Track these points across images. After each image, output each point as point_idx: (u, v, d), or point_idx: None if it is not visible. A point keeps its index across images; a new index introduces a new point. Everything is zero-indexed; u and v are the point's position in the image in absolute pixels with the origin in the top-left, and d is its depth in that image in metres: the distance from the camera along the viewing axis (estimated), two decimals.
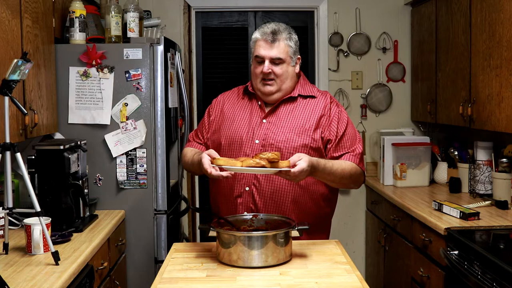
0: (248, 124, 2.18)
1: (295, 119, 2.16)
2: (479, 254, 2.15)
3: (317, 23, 4.01)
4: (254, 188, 2.12)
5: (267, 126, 2.16)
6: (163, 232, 2.94)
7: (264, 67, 2.13)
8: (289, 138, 2.11)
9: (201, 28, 4.02)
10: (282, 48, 2.14)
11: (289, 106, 2.20)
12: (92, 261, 2.22)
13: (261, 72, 2.14)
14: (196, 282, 1.70)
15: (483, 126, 2.83)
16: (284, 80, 2.16)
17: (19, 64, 1.88)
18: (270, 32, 2.14)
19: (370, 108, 4.04)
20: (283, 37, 2.14)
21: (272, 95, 2.18)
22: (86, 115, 2.86)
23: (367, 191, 4.01)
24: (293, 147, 2.10)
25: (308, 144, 2.11)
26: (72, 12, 2.82)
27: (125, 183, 2.89)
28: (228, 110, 2.26)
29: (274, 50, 2.13)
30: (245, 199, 2.13)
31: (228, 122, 2.22)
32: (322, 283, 1.68)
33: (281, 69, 2.14)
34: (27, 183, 2.01)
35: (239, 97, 2.30)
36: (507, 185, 2.87)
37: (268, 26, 2.18)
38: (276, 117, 2.18)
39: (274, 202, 2.12)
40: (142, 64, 2.87)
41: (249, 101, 2.26)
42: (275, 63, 2.14)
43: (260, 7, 4.00)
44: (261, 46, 2.14)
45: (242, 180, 2.13)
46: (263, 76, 2.15)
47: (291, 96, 2.20)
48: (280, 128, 2.14)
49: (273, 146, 2.11)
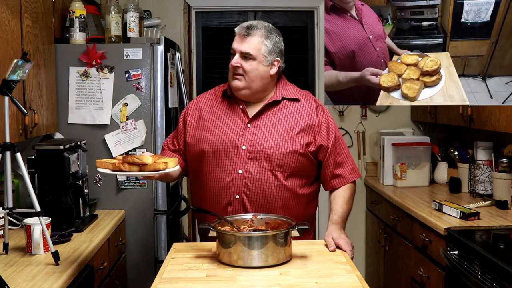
0: (232, 129, 2.10)
1: (281, 123, 2.10)
2: (479, 254, 2.15)
3: (317, 23, 4.01)
4: (244, 196, 2.08)
5: (252, 131, 2.09)
6: (163, 232, 2.94)
7: (233, 59, 2.10)
8: (278, 144, 2.06)
9: (201, 28, 4.02)
10: (254, 44, 2.08)
11: (273, 109, 2.13)
12: (92, 261, 2.22)
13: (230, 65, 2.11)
14: (196, 282, 1.70)
15: (483, 126, 2.83)
16: (253, 78, 2.08)
17: (19, 64, 1.88)
18: (246, 26, 2.10)
19: (370, 108, 4.04)
20: (258, 34, 2.09)
21: (240, 91, 2.10)
22: (86, 115, 2.86)
23: (367, 191, 4.01)
24: (283, 153, 2.06)
25: (298, 150, 2.07)
26: (72, 12, 2.82)
27: (125, 183, 2.89)
28: (207, 114, 2.17)
29: (245, 45, 2.08)
30: (236, 207, 2.09)
31: (209, 128, 2.13)
32: (322, 283, 1.68)
33: (250, 65, 2.07)
34: (27, 183, 2.00)
35: (217, 100, 2.20)
36: (507, 185, 2.87)
37: (248, 22, 2.15)
38: (261, 121, 2.11)
39: (265, 209, 2.08)
40: (142, 64, 2.87)
41: (229, 105, 2.16)
42: (245, 57, 2.08)
43: (260, 7, 4.00)
44: (235, 39, 2.12)
45: (232, 188, 2.07)
46: (232, 70, 2.11)
47: (276, 100, 2.13)
48: (267, 133, 2.08)
49: (262, 152, 2.05)
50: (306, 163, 2.11)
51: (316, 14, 4.01)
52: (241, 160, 2.07)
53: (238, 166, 2.07)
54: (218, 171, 2.10)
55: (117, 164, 1.78)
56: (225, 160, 2.08)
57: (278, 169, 2.06)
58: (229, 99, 2.18)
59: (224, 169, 2.08)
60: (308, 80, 4.05)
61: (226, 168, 2.08)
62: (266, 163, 2.06)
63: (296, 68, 4.04)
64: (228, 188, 2.08)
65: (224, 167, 2.08)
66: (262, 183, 2.06)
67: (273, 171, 2.06)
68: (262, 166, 2.06)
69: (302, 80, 4.04)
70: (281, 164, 2.06)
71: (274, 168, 2.06)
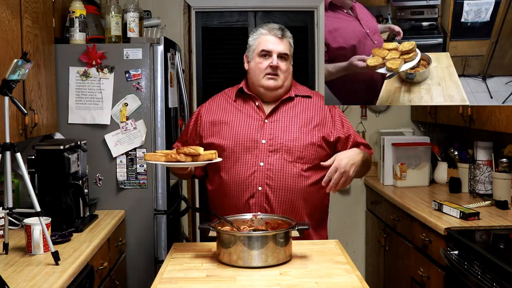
0: (250, 125, 2.19)
1: (297, 118, 2.21)
2: (479, 254, 2.15)
3: (317, 23, 4.01)
4: (267, 187, 2.14)
5: (271, 126, 2.18)
6: (163, 232, 2.94)
7: (273, 60, 2.18)
8: (296, 136, 2.16)
9: (201, 28, 4.02)
10: (287, 45, 2.23)
11: (288, 106, 2.24)
12: (92, 261, 2.22)
13: (268, 66, 2.18)
14: (196, 282, 1.70)
15: (483, 126, 2.83)
16: (287, 76, 2.23)
17: (19, 64, 1.88)
18: (279, 28, 2.22)
19: (370, 108, 4.04)
20: (288, 35, 2.25)
21: (276, 90, 2.21)
22: (86, 115, 2.86)
23: (367, 191, 4.01)
24: (302, 145, 2.15)
25: (316, 142, 2.17)
26: (72, 12, 2.82)
27: (125, 183, 2.89)
28: (221, 115, 2.25)
29: (282, 45, 2.20)
30: (259, 199, 2.14)
31: (226, 126, 2.21)
32: (322, 283, 1.68)
33: (286, 65, 2.22)
34: (27, 183, 2.00)
35: (230, 100, 2.29)
36: (507, 185, 2.87)
37: (274, 24, 2.26)
38: (278, 116, 2.21)
39: (287, 200, 2.14)
40: (142, 64, 2.87)
41: (244, 103, 2.26)
42: (282, 58, 2.20)
43: (260, 7, 4.01)
44: (269, 41, 2.20)
45: (254, 180, 2.14)
46: (270, 71, 2.18)
47: (290, 96, 2.24)
48: (285, 127, 2.18)
49: (282, 145, 2.14)
50: (324, 155, 2.19)
51: (316, 14, 4.01)
52: (262, 154, 2.14)
53: (259, 159, 2.14)
54: (239, 166, 2.16)
55: (173, 156, 1.89)
56: (246, 154, 2.15)
57: (299, 161, 2.14)
58: (243, 98, 2.27)
59: (245, 163, 2.15)
60: (308, 80, 4.05)
61: (247, 162, 2.15)
62: (287, 155, 2.14)
63: (296, 68, 3.98)
64: (251, 181, 2.14)
65: (245, 161, 2.15)
66: (284, 174, 2.13)
67: (294, 162, 2.14)
68: (283, 158, 2.14)
69: (302, 80, 4.03)
70: (301, 156, 2.14)
71: (295, 159, 2.14)
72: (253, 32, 2.29)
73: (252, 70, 2.23)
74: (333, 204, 4.05)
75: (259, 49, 2.20)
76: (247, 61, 2.28)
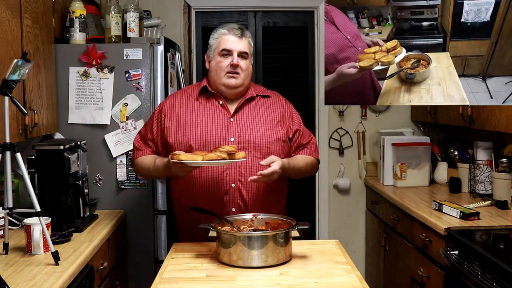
0: (217, 124, 2.23)
1: (261, 116, 2.29)
2: (479, 254, 2.15)
3: (317, 23, 4.01)
4: (239, 183, 2.18)
5: (237, 124, 2.24)
6: (163, 232, 2.94)
7: (234, 58, 2.23)
8: (263, 134, 2.23)
9: (201, 28, 4.02)
10: (247, 44, 2.28)
11: (250, 104, 2.31)
12: (92, 261, 2.22)
13: (229, 65, 2.22)
14: (196, 282, 1.70)
15: (483, 126, 2.83)
16: (247, 75, 2.28)
17: (19, 64, 1.88)
18: (238, 28, 2.28)
19: (370, 108, 4.04)
20: (248, 35, 2.31)
21: (236, 89, 2.26)
22: (86, 115, 2.86)
23: (367, 191, 4.01)
24: (269, 141, 2.23)
25: (281, 138, 2.26)
26: (72, 12, 2.82)
27: (125, 183, 2.89)
28: (186, 114, 2.26)
29: (241, 44, 2.25)
30: (232, 195, 2.19)
31: (192, 125, 2.22)
32: (322, 283, 1.68)
33: (246, 63, 2.26)
34: (27, 183, 2.00)
35: (191, 99, 2.31)
36: (507, 185, 2.87)
37: (233, 24, 2.33)
38: (242, 115, 2.27)
39: (257, 193, 2.19)
40: (142, 64, 2.87)
41: (207, 102, 2.29)
42: (242, 56, 2.25)
43: (260, 7, 4.00)
44: (229, 40, 2.25)
45: (226, 177, 2.18)
46: (230, 69, 2.23)
47: (252, 96, 2.31)
48: (251, 125, 2.25)
49: (251, 142, 2.20)
50: (288, 149, 2.31)
51: (316, 14, 4.01)
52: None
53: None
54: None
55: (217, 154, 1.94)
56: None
57: (267, 156, 2.17)
58: (206, 96, 2.31)
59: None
60: (308, 80, 4.05)
61: None
62: (256, 151, 2.20)
63: (296, 68, 4.04)
64: (223, 178, 2.18)
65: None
66: (255, 170, 2.16)
67: (263, 158, 2.17)
68: (252, 155, 2.19)
69: (302, 80, 4.04)
70: (269, 152, 2.20)
71: (264, 155, 2.19)
72: (213, 32, 2.34)
73: (213, 69, 2.27)
74: (333, 204, 4.06)
75: (219, 49, 2.25)
76: (208, 60, 2.32)
